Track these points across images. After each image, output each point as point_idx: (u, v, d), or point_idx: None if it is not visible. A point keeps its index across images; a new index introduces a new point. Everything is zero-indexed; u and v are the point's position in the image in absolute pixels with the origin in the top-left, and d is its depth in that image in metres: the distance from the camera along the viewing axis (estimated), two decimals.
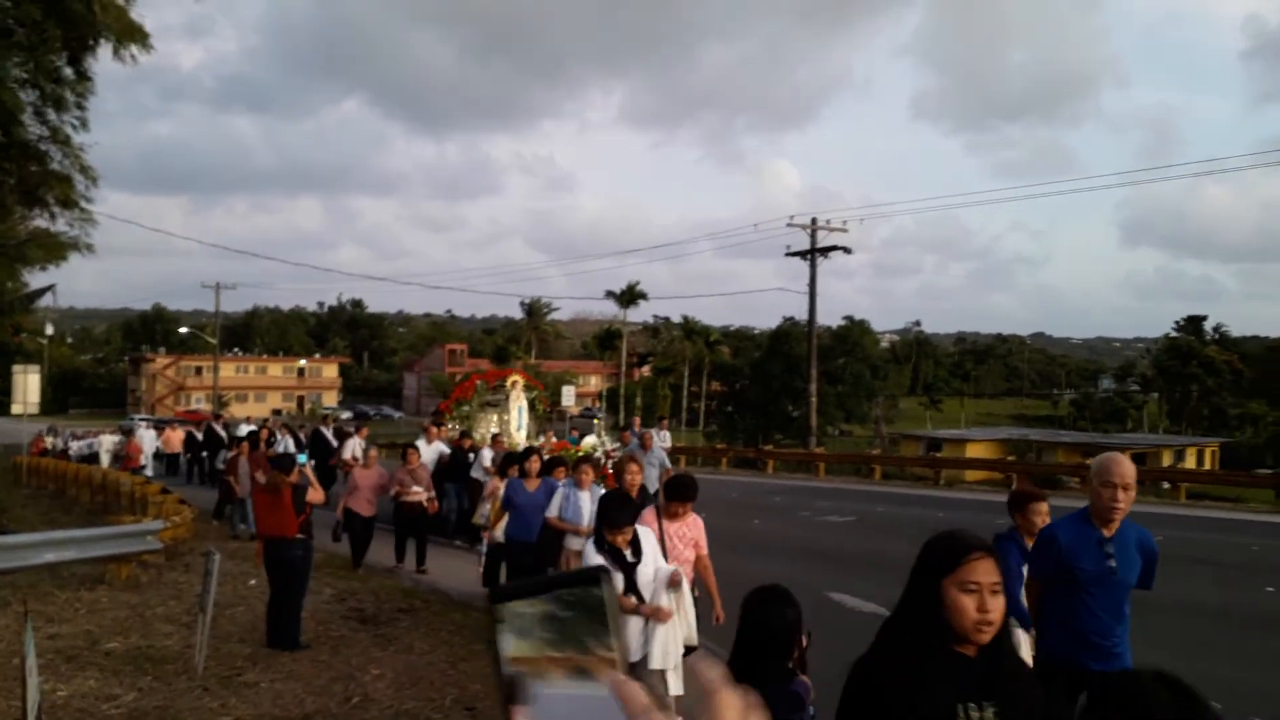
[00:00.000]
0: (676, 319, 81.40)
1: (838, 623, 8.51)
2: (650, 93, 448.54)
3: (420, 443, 13.87)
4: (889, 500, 21.71)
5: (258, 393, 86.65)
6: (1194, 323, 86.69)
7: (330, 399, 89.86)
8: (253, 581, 10.58)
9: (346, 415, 70.60)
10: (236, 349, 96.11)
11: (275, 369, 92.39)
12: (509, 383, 17.39)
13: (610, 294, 73.10)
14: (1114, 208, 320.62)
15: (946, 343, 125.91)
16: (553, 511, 8.29)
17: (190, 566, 11.94)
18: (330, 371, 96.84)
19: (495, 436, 14.99)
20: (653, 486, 13.24)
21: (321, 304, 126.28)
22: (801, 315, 35.03)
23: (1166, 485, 26.54)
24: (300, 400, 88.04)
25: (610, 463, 14.21)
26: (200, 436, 24.49)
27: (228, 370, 79.51)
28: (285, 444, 17.87)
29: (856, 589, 10.35)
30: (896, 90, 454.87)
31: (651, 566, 5.27)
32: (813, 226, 32.90)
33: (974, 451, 44.92)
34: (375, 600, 10.12)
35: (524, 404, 17.19)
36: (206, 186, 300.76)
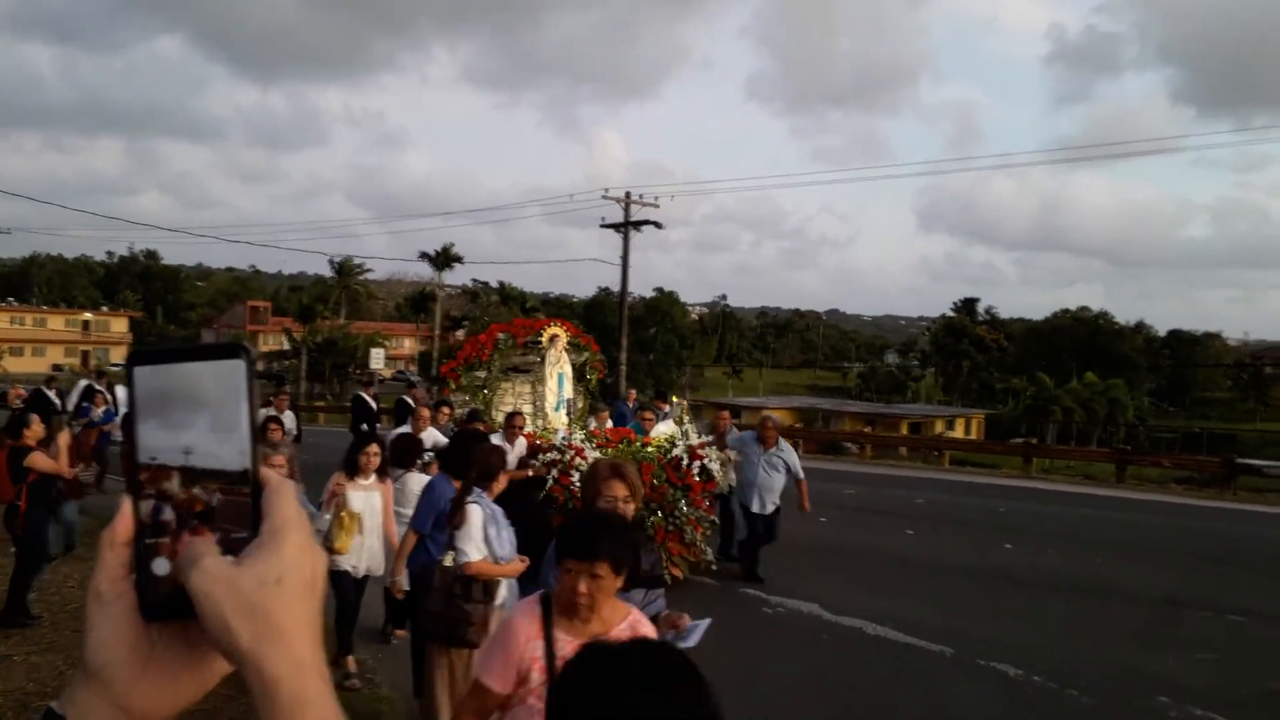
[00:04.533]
0: (497, 284, 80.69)
1: None
2: (496, 53, 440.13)
3: (405, 429, 9.45)
4: None
5: (35, 346, 79.67)
6: (968, 304, 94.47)
7: (119, 355, 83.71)
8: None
9: None
10: (10, 299, 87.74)
11: (56, 321, 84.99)
12: (546, 338, 12.52)
13: (425, 255, 71.42)
14: (916, 194, 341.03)
15: (750, 316, 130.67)
16: (472, 551, 4.75)
17: None
18: (119, 326, 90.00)
19: (511, 417, 10.03)
20: (772, 505, 10.07)
21: (111, 254, 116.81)
22: (618, 285, 35.55)
23: (936, 452, 29.00)
24: (85, 355, 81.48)
25: (698, 466, 9.73)
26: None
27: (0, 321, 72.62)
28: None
29: None
30: (734, 70, 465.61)
31: None
32: (626, 200, 33.50)
33: None
34: None
35: (566, 370, 12.62)
36: None
